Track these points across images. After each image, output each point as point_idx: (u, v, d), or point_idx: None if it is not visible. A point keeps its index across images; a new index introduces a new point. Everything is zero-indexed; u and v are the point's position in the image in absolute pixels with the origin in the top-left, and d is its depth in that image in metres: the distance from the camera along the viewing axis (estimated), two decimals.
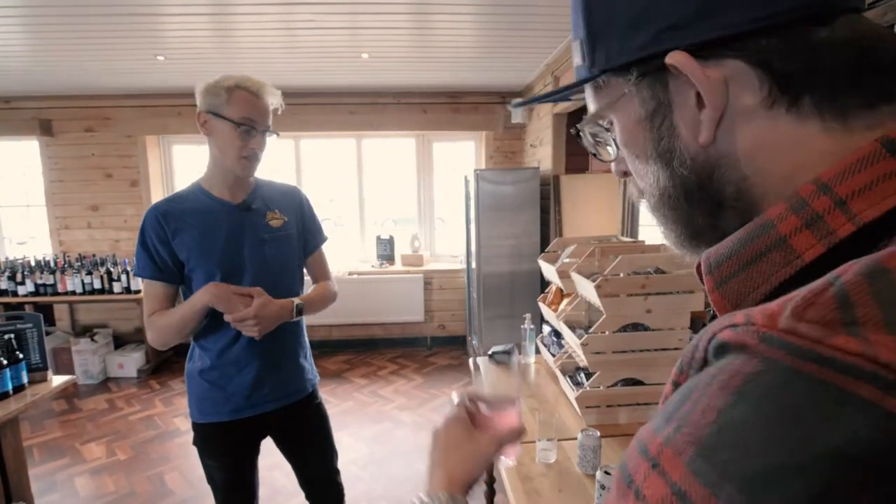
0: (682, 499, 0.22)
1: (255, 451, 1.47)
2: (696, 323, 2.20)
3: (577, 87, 0.42)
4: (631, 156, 0.40)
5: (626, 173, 0.43)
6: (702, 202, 0.36)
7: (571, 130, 0.46)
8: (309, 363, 1.51)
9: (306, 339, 1.53)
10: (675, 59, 0.32)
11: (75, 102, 4.28)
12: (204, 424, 1.37)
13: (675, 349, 1.59)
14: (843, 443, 0.19)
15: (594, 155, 0.46)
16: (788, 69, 0.30)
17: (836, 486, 0.19)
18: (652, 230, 3.20)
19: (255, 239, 1.35)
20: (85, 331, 4.46)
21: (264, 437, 1.48)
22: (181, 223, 1.29)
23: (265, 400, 1.38)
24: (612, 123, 0.41)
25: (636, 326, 1.57)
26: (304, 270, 1.54)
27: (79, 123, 4.35)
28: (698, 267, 0.37)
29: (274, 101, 1.33)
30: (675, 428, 0.24)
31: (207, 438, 1.38)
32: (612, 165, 0.44)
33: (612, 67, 0.36)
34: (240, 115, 1.25)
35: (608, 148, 0.43)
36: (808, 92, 0.30)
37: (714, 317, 0.42)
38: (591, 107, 0.42)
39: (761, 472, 0.20)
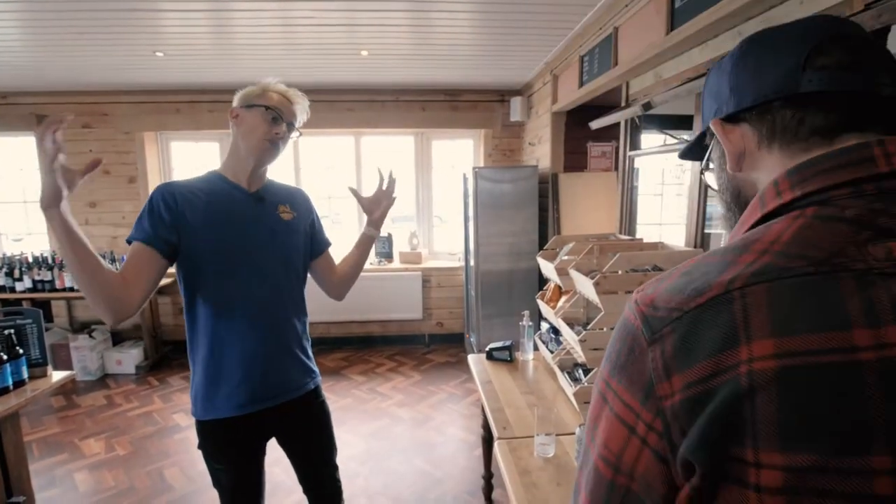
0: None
1: (261, 452, 1.45)
2: None
3: (696, 141, 0.66)
4: (715, 184, 0.62)
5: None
6: (734, 210, 0.57)
7: (700, 172, 0.70)
8: (311, 361, 1.51)
9: (308, 337, 1.52)
10: (712, 124, 0.55)
11: (73, 98, 4.26)
12: (206, 422, 1.34)
13: None
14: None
15: (715, 190, 0.66)
16: (766, 128, 0.50)
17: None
18: (649, 228, 3.21)
19: (267, 228, 1.36)
20: (83, 327, 4.46)
21: (269, 437, 1.46)
22: (193, 198, 1.28)
23: (268, 395, 1.37)
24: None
25: None
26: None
27: (76, 119, 4.33)
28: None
29: (301, 113, 1.40)
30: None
31: (210, 437, 1.36)
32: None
33: (703, 130, 0.61)
34: (270, 104, 1.31)
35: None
36: (776, 142, 0.50)
37: None
38: (706, 157, 0.64)
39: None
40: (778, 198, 0.46)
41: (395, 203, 1.65)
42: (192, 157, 4.72)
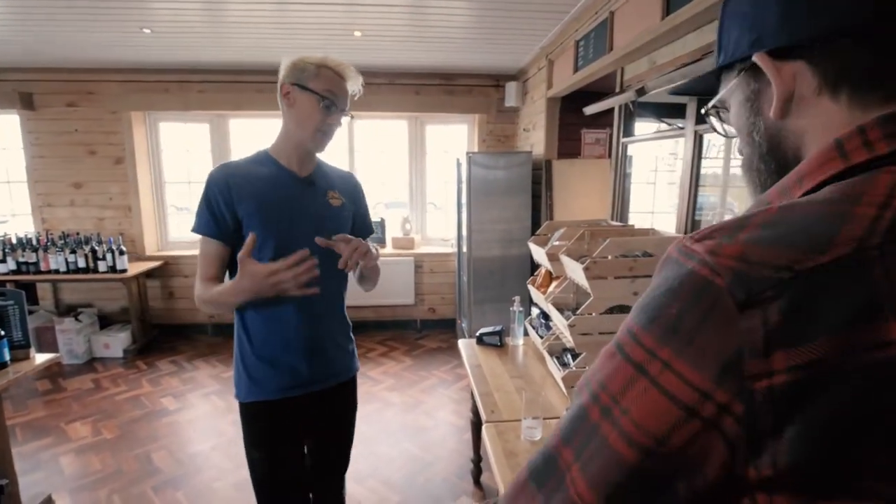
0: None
1: (300, 442, 1.44)
2: None
3: (703, 76, 0.56)
4: (737, 129, 0.53)
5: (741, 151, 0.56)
6: (769, 163, 0.49)
7: (702, 111, 0.59)
8: (353, 347, 1.50)
9: (350, 322, 1.51)
10: (758, 58, 0.45)
11: (57, 76, 4.16)
12: (249, 404, 1.34)
13: None
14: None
15: (722, 134, 0.58)
16: (832, 70, 0.42)
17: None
18: (642, 216, 3.21)
19: (317, 214, 1.34)
20: (69, 310, 4.40)
21: (303, 425, 1.43)
22: (246, 183, 1.27)
23: (314, 379, 1.37)
24: (728, 108, 0.54)
25: (623, 308, 1.58)
26: None
27: (61, 97, 4.24)
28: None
29: (354, 87, 1.35)
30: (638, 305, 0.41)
31: (253, 420, 1.35)
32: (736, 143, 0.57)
33: (725, 65, 0.51)
34: (324, 89, 1.26)
35: (726, 126, 0.56)
36: (845, 87, 0.41)
37: None
38: (718, 96, 0.55)
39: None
40: (867, 149, 0.38)
41: (389, 188, 1.61)
42: (182, 138, 4.65)
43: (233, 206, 1.26)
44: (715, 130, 0.58)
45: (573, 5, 2.78)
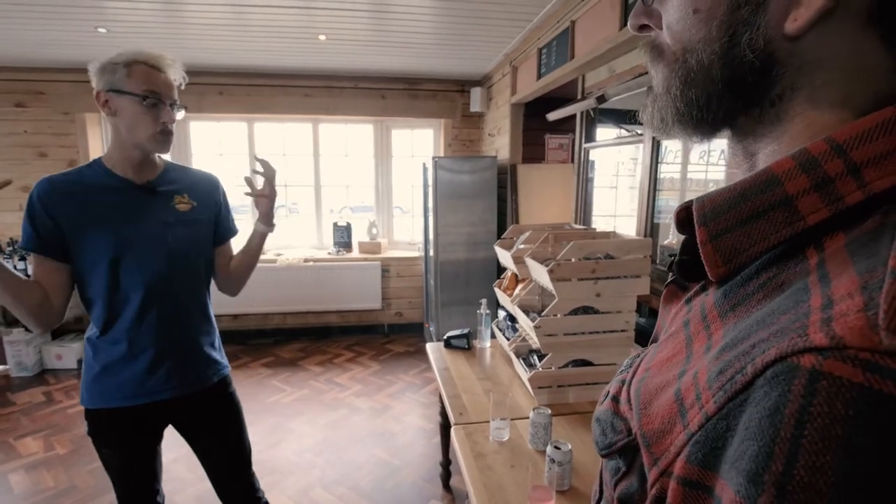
0: None
1: (155, 439, 1.41)
2: (642, 307, 2.31)
3: None
4: (687, 7, 0.34)
5: (643, 27, 0.39)
6: (740, 91, 0.33)
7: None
8: (218, 352, 1.46)
9: (215, 327, 1.47)
10: None
11: (4, 75, 3.96)
12: (94, 410, 1.31)
13: (622, 331, 1.67)
14: None
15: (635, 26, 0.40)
16: None
17: None
18: (604, 219, 3.31)
19: (157, 221, 1.30)
20: (18, 321, 4.18)
21: (164, 426, 1.42)
22: (72, 195, 1.22)
23: (161, 388, 1.32)
24: None
25: (586, 310, 1.63)
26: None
27: (8, 97, 4.03)
28: (680, 213, 0.36)
29: (175, 74, 1.27)
30: (775, 495, 0.22)
31: (98, 425, 1.33)
32: (632, 14, 0.40)
33: None
34: (143, 89, 1.19)
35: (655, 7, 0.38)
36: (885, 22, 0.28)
37: (679, 280, 0.42)
38: None
39: None
40: (862, 188, 0.27)
41: (355, 192, 1.62)
42: None
43: (57, 219, 1.20)
44: (638, 28, 0.40)
45: (536, 14, 2.84)
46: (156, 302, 1.29)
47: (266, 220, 1.49)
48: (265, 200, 1.45)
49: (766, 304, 0.29)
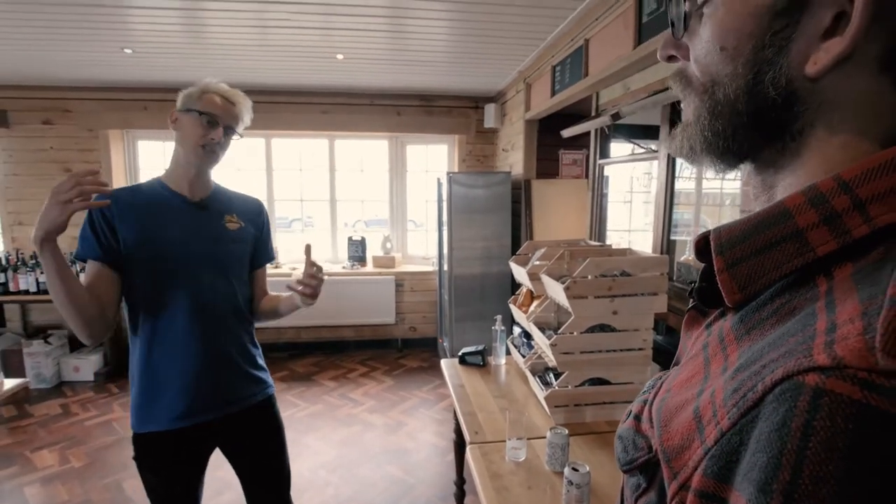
0: None
1: (201, 464, 1.40)
2: (660, 324, 2.28)
3: None
4: (715, 44, 0.36)
5: (672, 58, 0.41)
6: (764, 124, 0.35)
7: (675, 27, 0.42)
8: (263, 371, 1.46)
9: (258, 345, 1.48)
10: None
11: (33, 93, 4.09)
12: (143, 434, 1.30)
13: (640, 349, 1.64)
14: None
15: (672, 23, 0.41)
16: None
17: None
18: (619, 234, 3.28)
19: (209, 236, 1.34)
20: (38, 332, 4.26)
21: (212, 450, 1.42)
22: (130, 207, 1.26)
23: (208, 407, 1.33)
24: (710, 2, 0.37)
25: (603, 327, 1.62)
26: None
27: (36, 115, 4.16)
28: (699, 243, 0.38)
29: (243, 112, 1.37)
30: (783, 502, 0.23)
31: (146, 449, 1.31)
32: (661, 46, 0.42)
33: None
34: (205, 108, 1.29)
35: (680, 24, 0.40)
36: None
37: (699, 306, 0.44)
38: None
39: None
40: (868, 222, 0.29)
41: (370, 207, 1.63)
42: (161, 157, 4.59)
43: (115, 229, 1.24)
44: (672, 25, 0.40)
45: (549, 33, 2.87)
46: (203, 317, 1.30)
47: (307, 303, 1.40)
48: (314, 289, 1.36)
49: (778, 328, 0.30)
